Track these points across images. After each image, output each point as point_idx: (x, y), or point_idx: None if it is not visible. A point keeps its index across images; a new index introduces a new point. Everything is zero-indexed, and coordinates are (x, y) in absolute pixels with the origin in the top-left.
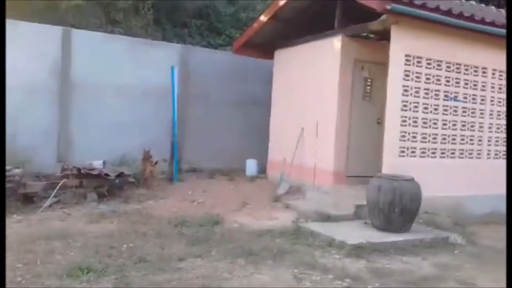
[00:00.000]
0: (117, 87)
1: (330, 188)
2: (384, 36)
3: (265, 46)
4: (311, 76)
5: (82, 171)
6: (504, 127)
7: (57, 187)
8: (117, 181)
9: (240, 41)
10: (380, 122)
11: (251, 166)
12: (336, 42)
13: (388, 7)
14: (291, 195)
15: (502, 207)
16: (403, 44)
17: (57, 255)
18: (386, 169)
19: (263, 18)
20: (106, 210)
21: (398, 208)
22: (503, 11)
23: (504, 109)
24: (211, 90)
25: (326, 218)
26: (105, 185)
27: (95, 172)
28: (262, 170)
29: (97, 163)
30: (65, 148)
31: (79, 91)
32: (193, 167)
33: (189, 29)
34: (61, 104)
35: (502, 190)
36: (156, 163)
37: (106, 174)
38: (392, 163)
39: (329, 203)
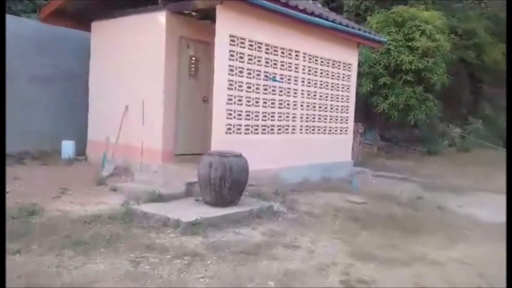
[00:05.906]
0: None
1: (159, 167)
2: (207, 15)
3: (81, 16)
4: (134, 52)
5: None
6: (313, 105)
7: None
8: None
9: (49, 8)
10: (206, 100)
11: (67, 148)
12: (160, 18)
13: None
14: (117, 177)
15: (312, 176)
16: (227, 25)
17: None
18: (214, 146)
19: None
20: None
21: (228, 183)
22: None
23: (312, 89)
24: (16, 63)
25: (158, 198)
26: None
27: None
28: (81, 152)
29: None
30: None
31: None
32: None
33: None
34: None
35: (311, 161)
36: None
37: None
38: (220, 140)
39: (159, 182)
